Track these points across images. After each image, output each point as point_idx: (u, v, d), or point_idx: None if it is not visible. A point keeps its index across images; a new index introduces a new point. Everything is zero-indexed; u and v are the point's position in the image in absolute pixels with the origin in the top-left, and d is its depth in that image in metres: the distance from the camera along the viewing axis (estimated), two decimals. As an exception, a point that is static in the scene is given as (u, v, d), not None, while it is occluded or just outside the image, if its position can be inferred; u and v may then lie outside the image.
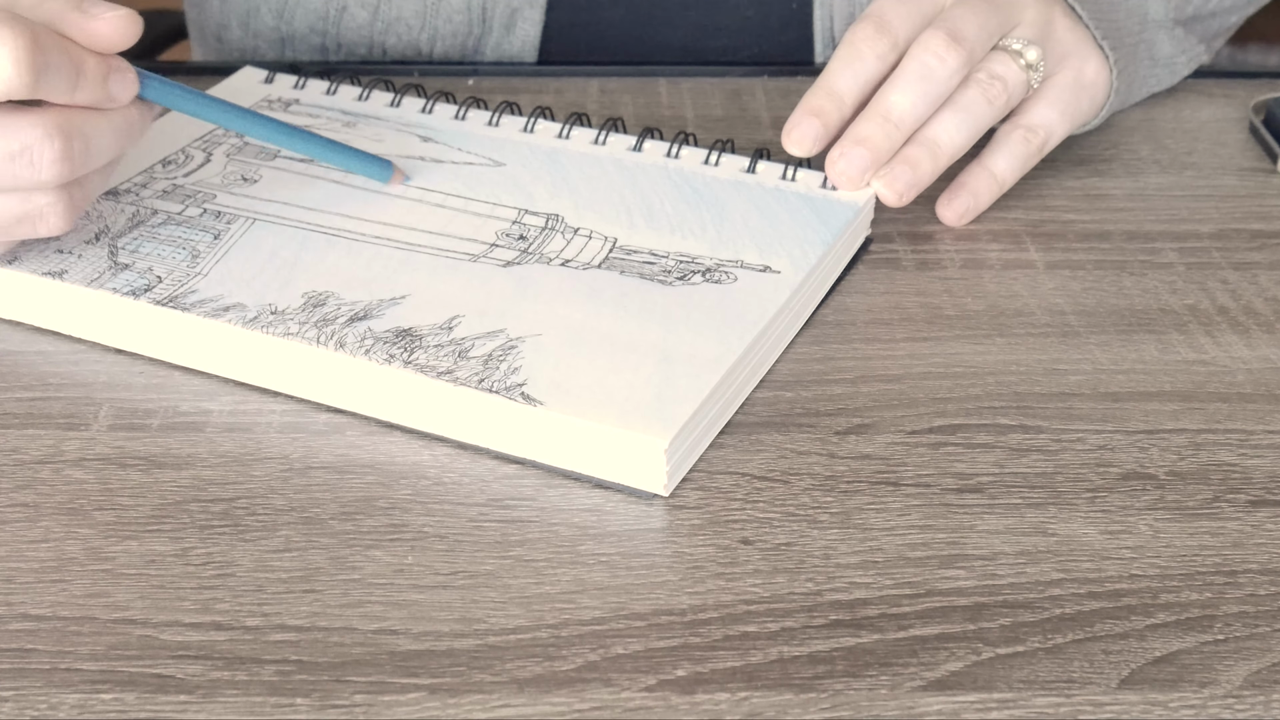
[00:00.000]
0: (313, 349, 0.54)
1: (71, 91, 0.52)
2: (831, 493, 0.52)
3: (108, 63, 0.53)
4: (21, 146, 0.51)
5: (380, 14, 0.82)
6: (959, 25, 0.64)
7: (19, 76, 0.49)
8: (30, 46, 0.49)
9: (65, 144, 0.52)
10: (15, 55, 0.49)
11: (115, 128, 0.54)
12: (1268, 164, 0.73)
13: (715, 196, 0.65)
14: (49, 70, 0.50)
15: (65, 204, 0.54)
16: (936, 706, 0.44)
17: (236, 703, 0.43)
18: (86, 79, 0.52)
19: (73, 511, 0.50)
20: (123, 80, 0.54)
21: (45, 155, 0.52)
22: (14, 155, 0.51)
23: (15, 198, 0.53)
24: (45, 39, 0.50)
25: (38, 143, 0.51)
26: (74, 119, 0.52)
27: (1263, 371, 0.58)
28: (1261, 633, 0.46)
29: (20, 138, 0.51)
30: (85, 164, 0.53)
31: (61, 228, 0.54)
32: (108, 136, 0.54)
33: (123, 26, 0.53)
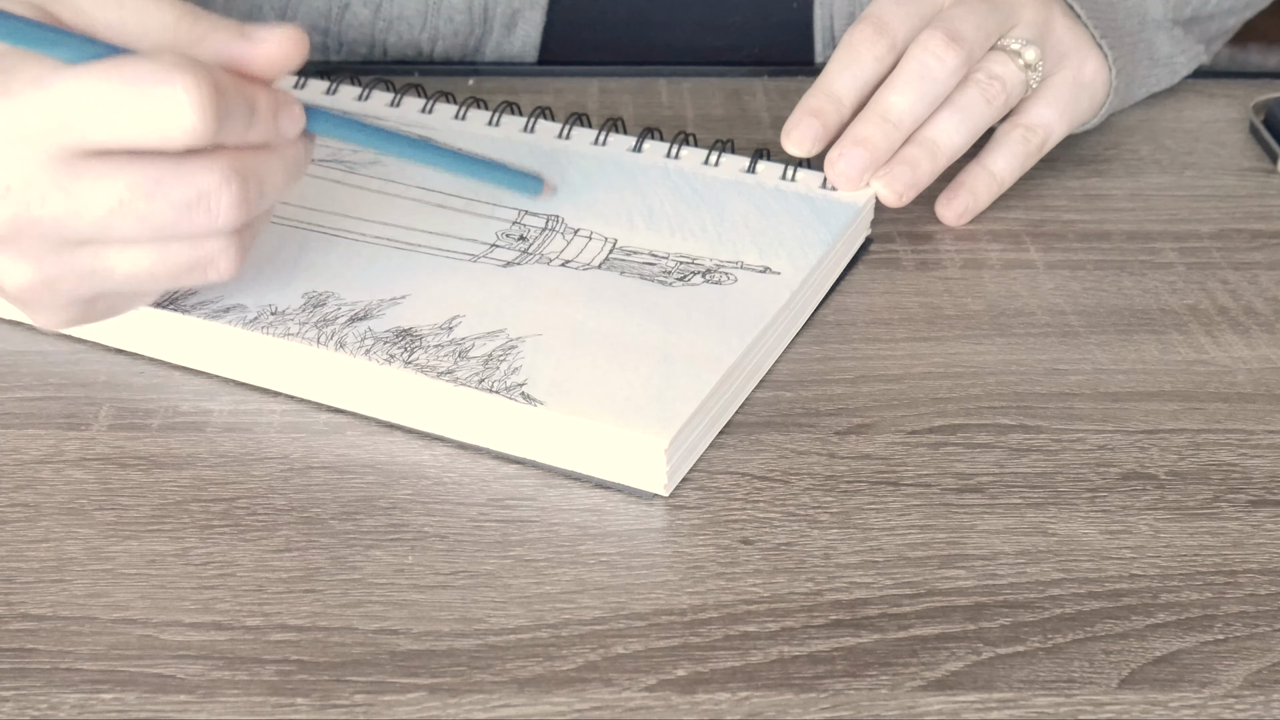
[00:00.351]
0: (313, 349, 0.54)
1: (246, 131, 0.49)
2: (832, 493, 0.52)
3: (276, 97, 0.50)
4: (199, 194, 0.48)
5: (382, 12, 0.82)
6: (957, 25, 0.64)
7: (204, 125, 0.46)
8: (213, 93, 0.46)
9: (242, 188, 0.49)
10: (199, 103, 0.46)
11: (284, 166, 0.51)
12: (1268, 164, 0.73)
13: (715, 197, 0.65)
14: (228, 114, 0.47)
15: (236, 248, 0.51)
16: (937, 706, 0.44)
17: (237, 703, 0.43)
18: (259, 117, 0.49)
19: (73, 511, 0.50)
20: (291, 114, 0.51)
21: (223, 201, 0.48)
22: (191, 204, 0.48)
23: (187, 245, 0.50)
24: (224, 81, 0.47)
25: (215, 189, 0.48)
26: (247, 161, 0.49)
27: (1263, 371, 0.58)
28: (1262, 633, 0.46)
29: (197, 184, 0.48)
30: (259, 206, 0.50)
31: (231, 273, 0.51)
32: (278, 175, 0.51)
33: (291, 44, 0.50)
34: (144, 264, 0.50)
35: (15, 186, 0.48)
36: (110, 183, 0.47)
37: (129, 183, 0.47)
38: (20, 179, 0.48)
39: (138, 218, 0.48)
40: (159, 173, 0.48)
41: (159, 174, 0.48)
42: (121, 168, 0.47)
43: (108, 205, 0.48)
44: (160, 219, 0.48)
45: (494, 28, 0.83)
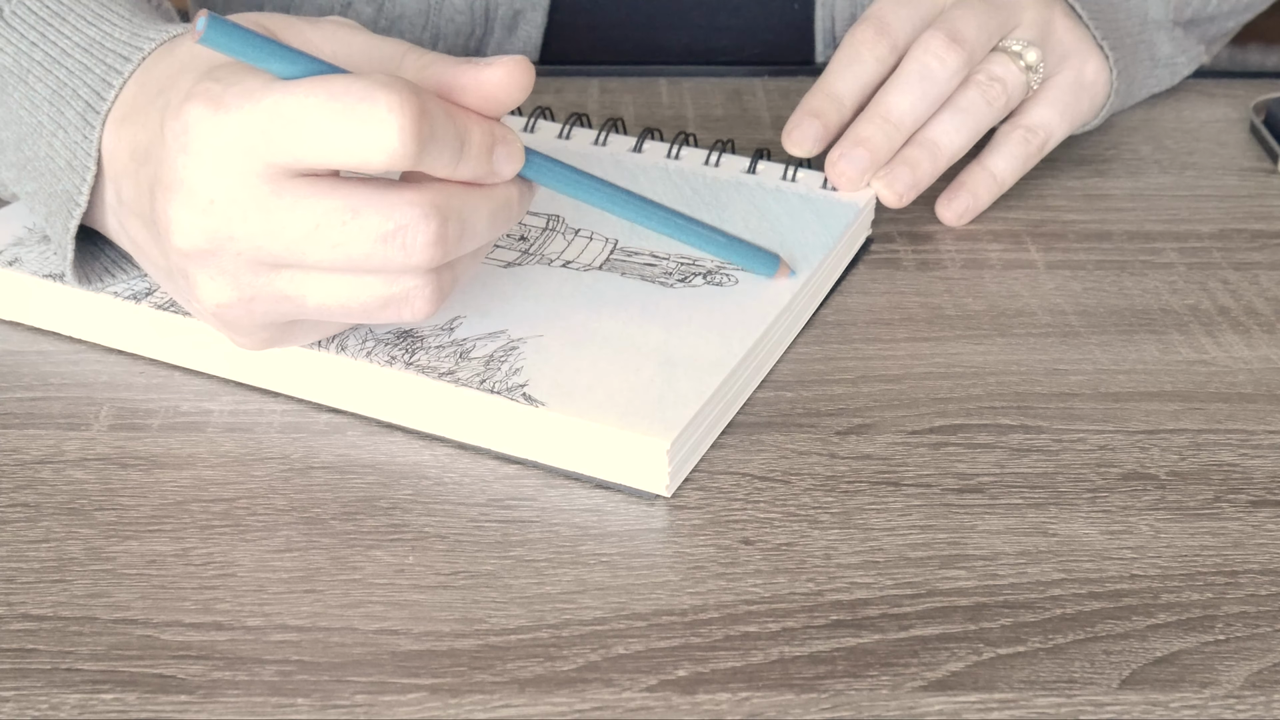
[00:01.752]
0: (314, 351, 0.54)
1: (455, 165, 0.47)
2: (832, 493, 0.52)
3: (493, 133, 0.48)
4: (396, 227, 0.47)
5: (384, 11, 0.82)
6: (958, 26, 0.64)
7: (404, 148, 0.45)
8: (417, 115, 0.45)
9: (441, 226, 0.47)
10: (402, 124, 0.45)
11: (493, 209, 0.49)
12: (1268, 164, 0.73)
13: (716, 197, 0.65)
14: (434, 141, 0.46)
15: (434, 289, 0.49)
16: (937, 707, 0.44)
17: (237, 703, 0.43)
18: (471, 151, 0.47)
19: (73, 511, 0.50)
20: (509, 153, 0.49)
21: (420, 237, 0.47)
22: (387, 236, 0.47)
23: (382, 279, 0.48)
24: (432, 106, 0.46)
25: (414, 223, 0.47)
26: (453, 198, 0.48)
27: (1263, 371, 0.58)
28: (1262, 633, 0.46)
29: (395, 217, 0.47)
30: (459, 248, 0.48)
31: (427, 314, 0.50)
32: (484, 219, 0.49)
33: (517, 74, 0.48)
34: (337, 295, 0.49)
35: (219, 201, 0.47)
36: (309, 206, 0.47)
37: (328, 207, 0.47)
38: (225, 194, 0.47)
39: (331, 245, 0.47)
40: (359, 202, 0.47)
41: (358, 203, 0.47)
42: (322, 192, 0.47)
43: (304, 229, 0.47)
44: (354, 249, 0.47)
45: (495, 28, 0.83)
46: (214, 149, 0.47)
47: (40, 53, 0.54)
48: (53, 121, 0.54)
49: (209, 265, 0.49)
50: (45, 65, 0.54)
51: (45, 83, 0.54)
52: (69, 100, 0.53)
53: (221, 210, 0.47)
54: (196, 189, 0.47)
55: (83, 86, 0.53)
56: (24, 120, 0.55)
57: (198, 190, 0.47)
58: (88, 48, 0.54)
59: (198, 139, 0.47)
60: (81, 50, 0.54)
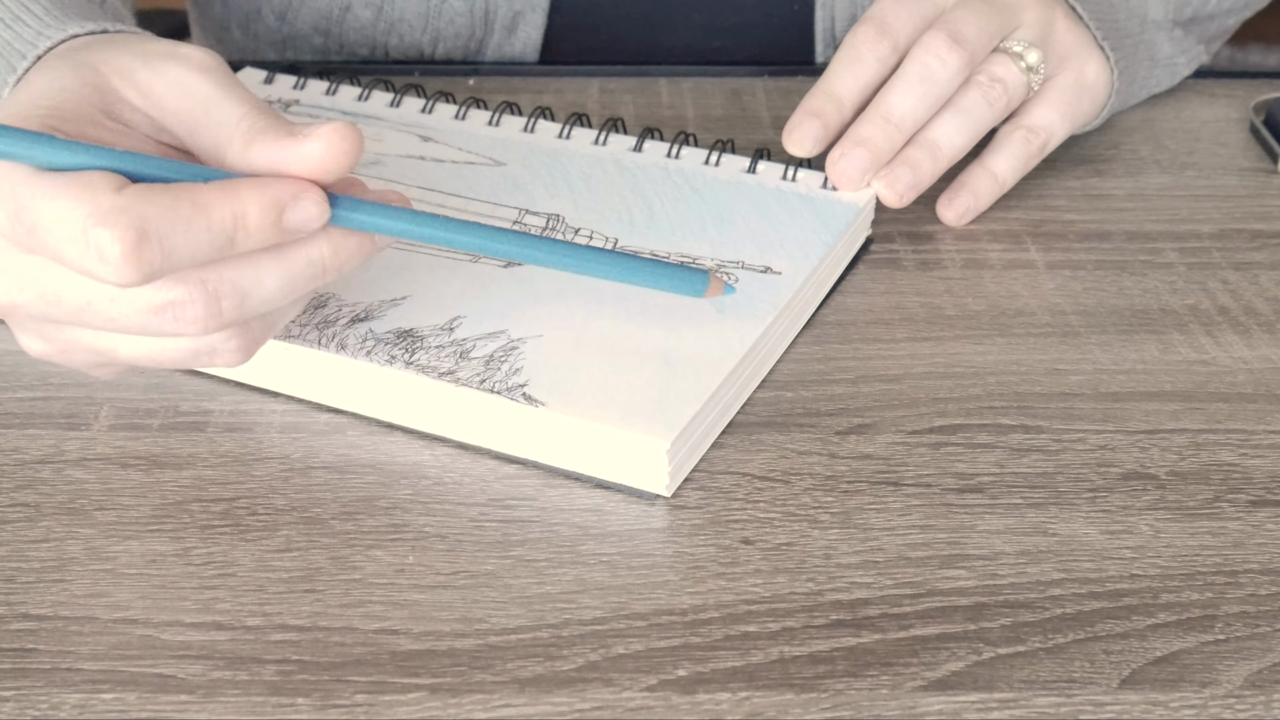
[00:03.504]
0: (314, 351, 0.54)
1: (230, 250, 0.45)
2: (832, 493, 0.52)
3: (279, 201, 0.45)
4: (165, 302, 0.45)
5: (384, 14, 0.82)
6: (960, 27, 0.64)
7: (127, 278, 0.43)
8: (134, 246, 0.43)
9: (210, 302, 0.46)
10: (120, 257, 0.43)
11: (287, 272, 0.47)
12: (1268, 164, 0.73)
13: (716, 197, 0.65)
14: (175, 254, 0.44)
15: (239, 341, 0.48)
16: (937, 706, 0.44)
17: (237, 702, 0.43)
18: (247, 234, 0.45)
19: (73, 511, 0.50)
20: (303, 213, 0.46)
21: (188, 312, 0.46)
22: (157, 309, 0.45)
23: (180, 339, 0.47)
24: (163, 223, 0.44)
25: (181, 300, 0.45)
26: (227, 271, 0.46)
27: (1263, 371, 0.58)
28: (1262, 633, 0.46)
29: (161, 294, 0.45)
30: (243, 313, 0.47)
31: (240, 363, 0.49)
32: (271, 284, 0.47)
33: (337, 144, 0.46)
34: (142, 351, 0.48)
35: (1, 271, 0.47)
36: (77, 284, 0.46)
37: (93, 286, 0.46)
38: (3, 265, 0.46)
39: (107, 318, 0.46)
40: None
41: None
42: None
43: (76, 303, 0.46)
44: (130, 321, 0.46)
45: (495, 29, 0.83)
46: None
47: None
48: None
49: (13, 322, 0.49)
50: None
51: None
52: None
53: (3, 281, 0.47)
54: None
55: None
56: None
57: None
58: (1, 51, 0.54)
59: None
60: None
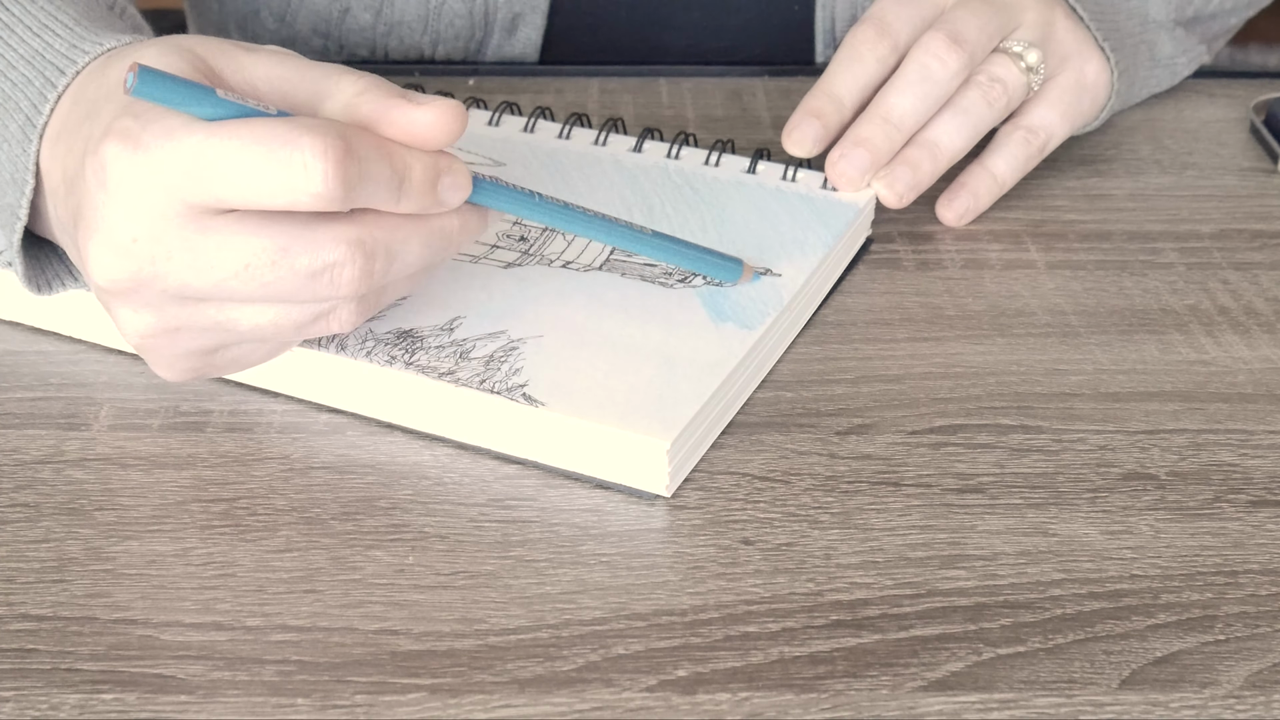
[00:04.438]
0: (314, 352, 0.54)
1: (395, 201, 0.48)
2: (832, 493, 0.52)
3: (437, 166, 0.49)
4: (324, 265, 0.47)
5: (383, 16, 0.82)
6: (960, 27, 0.64)
7: (329, 191, 0.45)
8: (342, 158, 0.45)
9: (368, 262, 0.48)
10: (325, 169, 0.45)
11: (427, 240, 0.50)
12: (1268, 164, 0.73)
13: (716, 197, 0.65)
14: (365, 181, 0.46)
15: (358, 307, 0.50)
16: (937, 707, 0.44)
17: (237, 703, 0.43)
18: (413, 187, 0.48)
19: (73, 511, 0.50)
20: (454, 184, 0.49)
21: (345, 274, 0.47)
22: (315, 273, 0.47)
23: (311, 305, 0.49)
24: (363, 147, 0.46)
25: (340, 261, 0.47)
26: (380, 233, 0.48)
27: (1263, 371, 0.58)
28: (1262, 633, 0.46)
29: (323, 256, 0.47)
30: (386, 278, 0.49)
31: (350, 329, 0.51)
32: (415, 251, 0.49)
33: (447, 119, 0.48)
34: (266, 320, 0.49)
35: (142, 239, 0.47)
36: (238, 246, 0.46)
37: (256, 247, 0.47)
38: (148, 232, 0.47)
39: (261, 284, 0.47)
40: (287, 240, 0.47)
41: (287, 241, 0.47)
42: (250, 231, 0.47)
43: (233, 268, 0.47)
44: (283, 286, 0.47)
45: (495, 31, 0.83)
46: (132, 188, 0.46)
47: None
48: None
49: (132, 300, 0.48)
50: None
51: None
52: (12, 114, 0.52)
53: (144, 249, 0.47)
54: (116, 228, 0.47)
55: (24, 100, 0.52)
56: None
57: (117, 229, 0.47)
58: (30, 59, 0.53)
59: (115, 177, 0.46)
60: (25, 62, 0.53)
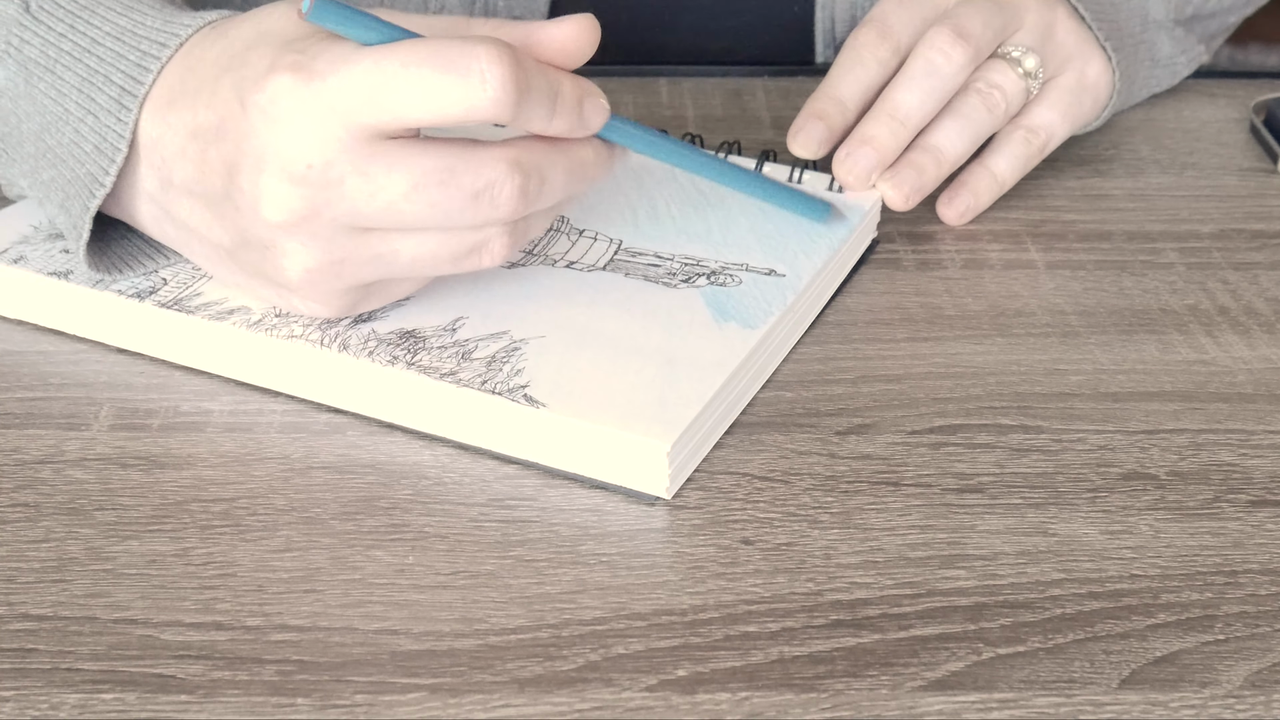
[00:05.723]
0: (317, 351, 0.54)
1: (550, 117, 0.50)
2: (832, 493, 0.52)
3: (581, 86, 0.51)
4: (486, 184, 0.49)
5: (382, 15, 0.82)
6: (964, 23, 0.65)
7: (506, 97, 0.47)
8: (515, 67, 0.48)
9: (525, 181, 0.50)
10: (503, 76, 0.47)
11: (569, 167, 0.52)
12: (1268, 164, 0.73)
13: (720, 199, 0.65)
14: (531, 93, 0.49)
15: (510, 236, 0.52)
16: (937, 706, 0.44)
17: (237, 703, 0.43)
18: (564, 104, 0.50)
19: (73, 511, 0.50)
20: (595, 106, 0.52)
21: (505, 191, 0.50)
22: (479, 192, 0.49)
23: (469, 231, 0.51)
24: (526, 60, 0.48)
25: (500, 179, 0.49)
26: (533, 154, 0.51)
27: (1263, 371, 0.58)
28: (1262, 633, 0.46)
29: (485, 174, 0.49)
30: (538, 202, 0.51)
31: (504, 260, 0.53)
32: (560, 177, 0.52)
33: (586, 31, 0.51)
34: (428, 248, 0.51)
35: (316, 166, 0.49)
36: (406, 167, 0.49)
37: (424, 168, 0.49)
38: (321, 159, 0.49)
39: (429, 203, 0.49)
40: (451, 160, 0.49)
41: (451, 162, 0.49)
42: (417, 153, 0.49)
43: (402, 189, 0.49)
44: (449, 205, 0.49)
45: (495, 29, 0.83)
46: (305, 117, 0.48)
47: (69, 43, 0.55)
48: (81, 108, 0.54)
49: (301, 232, 0.50)
50: (74, 55, 0.55)
51: (75, 71, 0.55)
52: (100, 86, 0.54)
53: (318, 176, 0.49)
54: (289, 158, 0.49)
55: (116, 72, 0.54)
56: (48, 110, 0.55)
57: (291, 159, 0.49)
58: (119, 36, 0.54)
59: (286, 109, 0.48)
60: (113, 39, 0.54)
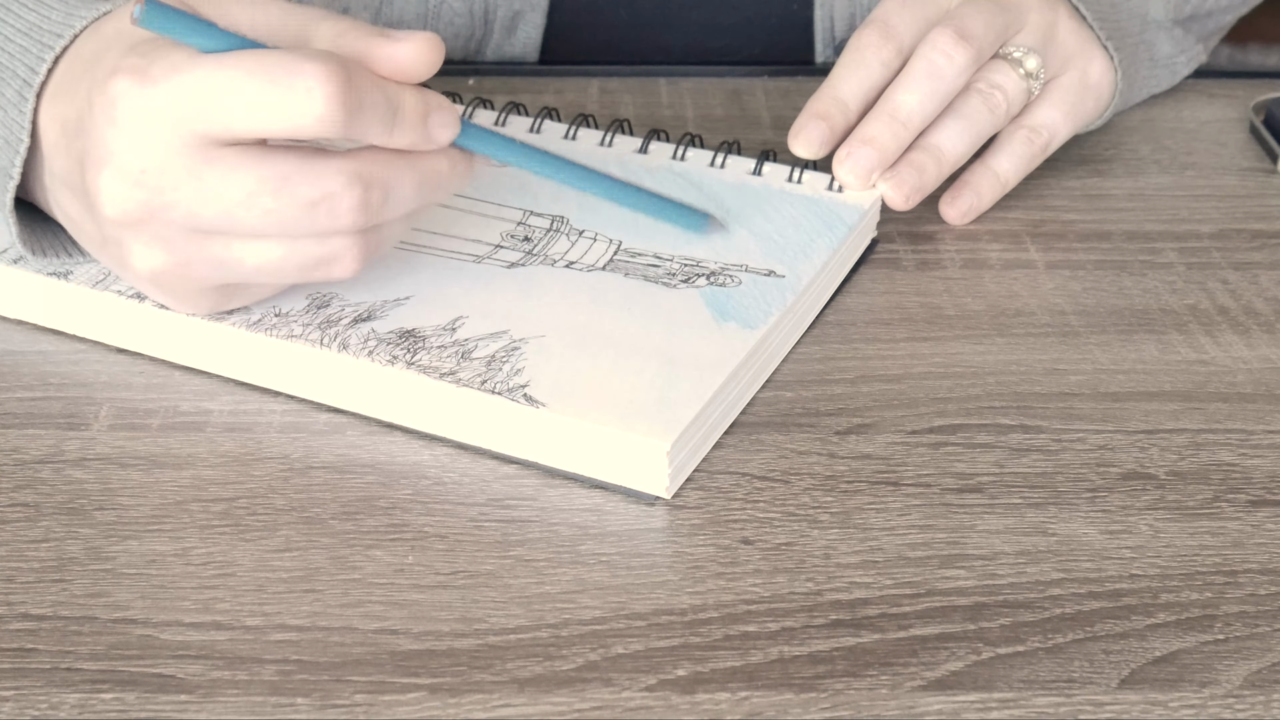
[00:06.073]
0: (316, 351, 0.54)
1: (389, 132, 0.50)
2: (832, 493, 0.52)
3: (427, 101, 0.51)
4: (323, 194, 0.49)
5: (382, 15, 0.82)
6: (966, 23, 0.65)
7: (332, 115, 0.48)
8: (344, 84, 0.48)
9: (365, 193, 0.50)
10: (329, 93, 0.47)
11: (419, 179, 0.52)
12: (1268, 164, 0.73)
13: (721, 199, 0.65)
14: (364, 109, 0.49)
15: (360, 249, 0.52)
16: (937, 706, 0.44)
17: (237, 702, 0.43)
18: (405, 119, 0.50)
19: (73, 511, 0.50)
20: (443, 120, 0.51)
21: (344, 204, 0.50)
22: (315, 203, 0.49)
23: (313, 241, 0.51)
24: (360, 76, 0.48)
25: (339, 191, 0.49)
26: (376, 167, 0.50)
27: (1263, 371, 0.58)
28: (1261, 632, 0.46)
29: (322, 184, 0.49)
30: (383, 214, 0.51)
31: (353, 273, 0.52)
32: (409, 187, 0.51)
33: (427, 51, 0.50)
34: (272, 257, 0.51)
35: (150, 170, 0.49)
36: (241, 175, 0.49)
37: (259, 176, 0.49)
38: (156, 163, 0.49)
39: (264, 211, 0.49)
40: (288, 169, 0.49)
41: (288, 171, 0.49)
42: (253, 161, 0.49)
43: (236, 196, 0.49)
44: (285, 215, 0.50)
45: (495, 29, 0.83)
46: (142, 120, 0.49)
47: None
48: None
49: (144, 232, 0.51)
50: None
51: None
52: (8, 80, 0.55)
53: (153, 179, 0.49)
54: (126, 160, 0.49)
55: (21, 66, 0.55)
56: None
57: (127, 161, 0.49)
58: (27, 31, 0.56)
59: (125, 111, 0.49)
60: (21, 35, 0.56)
